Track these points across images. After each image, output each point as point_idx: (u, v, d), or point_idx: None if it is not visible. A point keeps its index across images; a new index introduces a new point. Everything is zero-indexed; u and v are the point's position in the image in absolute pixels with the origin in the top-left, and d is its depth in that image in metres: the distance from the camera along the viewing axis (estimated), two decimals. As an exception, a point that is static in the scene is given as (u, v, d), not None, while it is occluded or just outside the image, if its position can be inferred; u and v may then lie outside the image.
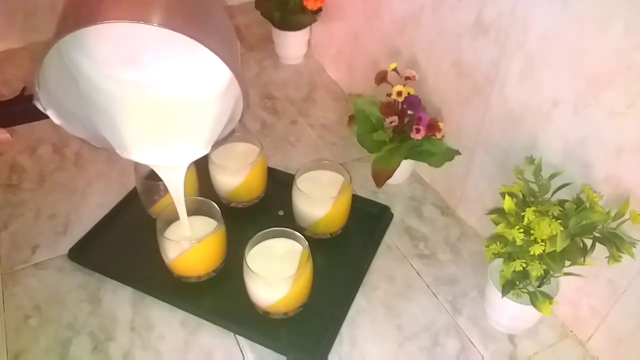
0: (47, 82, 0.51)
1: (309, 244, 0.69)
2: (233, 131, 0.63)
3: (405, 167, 0.89)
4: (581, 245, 0.61)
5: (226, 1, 1.41)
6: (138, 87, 0.57)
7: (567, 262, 0.61)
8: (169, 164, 0.65)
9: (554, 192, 0.64)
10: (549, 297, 0.64)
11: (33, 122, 0.55)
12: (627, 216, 0.57)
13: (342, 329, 0.72)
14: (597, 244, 0.60)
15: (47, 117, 0.53)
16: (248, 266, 0.66)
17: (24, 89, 0.56)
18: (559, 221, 0.58)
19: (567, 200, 0.62)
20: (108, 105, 0.57)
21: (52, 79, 0.52)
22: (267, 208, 0.88)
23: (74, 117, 0.57)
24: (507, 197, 0.63)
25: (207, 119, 0.61)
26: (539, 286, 0.67)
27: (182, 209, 0.71)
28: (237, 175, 0.82)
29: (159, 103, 0.58)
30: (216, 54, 0.47)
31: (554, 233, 0.58)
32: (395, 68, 0.84)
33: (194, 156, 0.65)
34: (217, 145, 0.64)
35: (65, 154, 0.98)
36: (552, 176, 0.64)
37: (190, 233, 0.73)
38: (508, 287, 0.65)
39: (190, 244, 0.70)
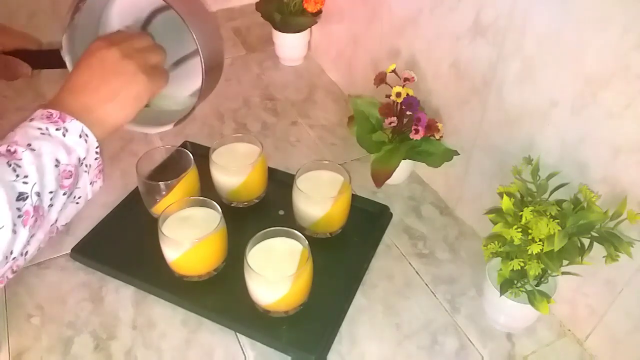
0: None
1: (309, 243, 0.70)
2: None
3: (404, 167, 0.90)
4: (579, 245, 0.61)
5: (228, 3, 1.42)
6: None
7: (565, 262, 0.61)
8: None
9: (551, 192, 0.65)
10: (546, 296, 0.65)
11: None
12: (624, 216, 0.58)
13: (342, 327, 0.72)
14: (595, 244, 0.60)
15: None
16: (249, 265, 0.67)
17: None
18: (557, 221, 0.59)
19: (564, 200, 0.62)
20: None
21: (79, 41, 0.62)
22: (267, 208, 0.88)
23: None
24: (505, 197, 0.63)
25: None
26: (537, 285, 0.67)
27: None
28: (238, 176, 0.83)
29: None
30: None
31: (552, 232, 0.58)
32: (394, 69, 0.84)
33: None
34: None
35: (67, 155, 0.98)
36: (550, 176, 0.64)
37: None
38: (506, 286, 0.65)
39: (191, 243, 0.70)
